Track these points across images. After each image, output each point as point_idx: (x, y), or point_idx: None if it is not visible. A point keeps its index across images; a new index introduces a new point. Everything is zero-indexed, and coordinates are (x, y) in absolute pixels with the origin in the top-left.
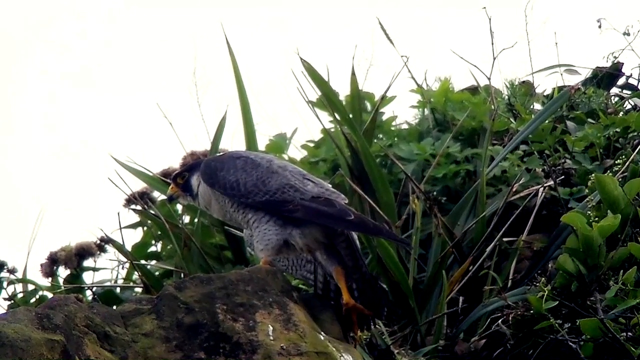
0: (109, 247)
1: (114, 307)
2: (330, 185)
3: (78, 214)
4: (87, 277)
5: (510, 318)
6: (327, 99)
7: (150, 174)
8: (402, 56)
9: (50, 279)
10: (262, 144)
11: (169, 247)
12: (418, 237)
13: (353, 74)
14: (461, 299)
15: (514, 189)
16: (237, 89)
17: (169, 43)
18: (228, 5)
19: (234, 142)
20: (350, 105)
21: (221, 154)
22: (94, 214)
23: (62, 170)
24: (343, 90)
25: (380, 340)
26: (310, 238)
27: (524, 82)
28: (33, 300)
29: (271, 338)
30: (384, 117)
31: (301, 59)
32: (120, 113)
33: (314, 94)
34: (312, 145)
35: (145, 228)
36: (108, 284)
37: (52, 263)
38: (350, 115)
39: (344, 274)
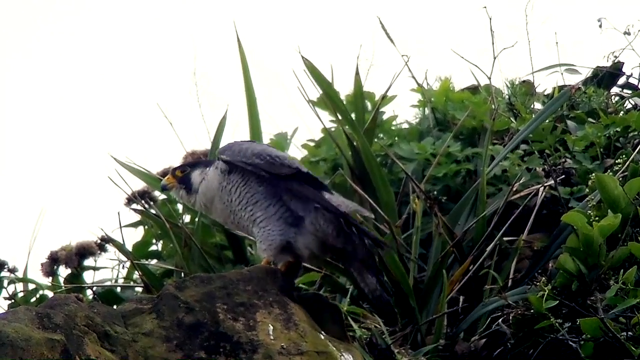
0: (109, 247)
1: (115, 307)
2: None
3: (78, 213)
4: (88, 277)
5: (510, 317)
6: (328, 98)
7: (151, 174)
8: (402, 56)
9: (50, 278)
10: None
11: (169, 246)
12: (418, 236)
13: (357, 73)
14: (461, 298)
15: (514, 189)
16: (244, 87)
17: (170, 42)
18: (228, 5)
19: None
20: (353, 104)
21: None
22: (94, 214)
23: (63, 170)
24: (343, 90)
25: (380, 339)
26: (314, 244)
27: (524, 81)
28: (33, 299)
29: (271, 337)
30: (385, 117)
31: (303, 57)
32: (121, 113)
33: (315, 93)
34: (312, 144)
35: (145, 227)
36: (108, 283)
37: (52, 262)
38: (352, 115)
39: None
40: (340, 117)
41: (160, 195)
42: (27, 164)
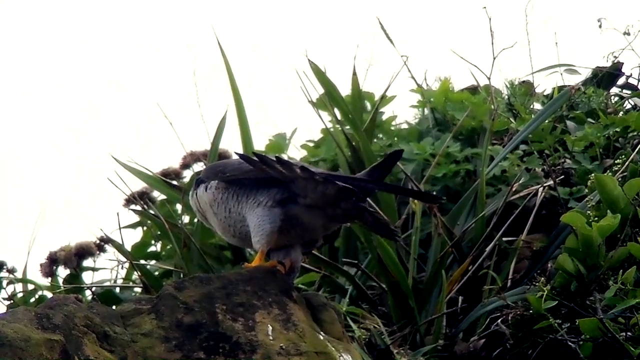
0: (108, 247)
1: (114, 307)
2: None
3: (78, 213)
4: (87, 277)
5: (509, 318)
6: (332, 98)
7: (150, 174)
8: (402, 56)
9: (49, 278)
10: (262, 144)
11: (168, 247)
12: (417, 236)
13: (354, 73)
14: (460, 298)
15: (513, 189)
16: (231, 92)
17: (170, 42)
18: (228, 4)
19: (234, 142)
20: (351, 105)
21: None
22: (93, 214)
23: (62, 170)
24: (343, 90)
25: (379, 340)
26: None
27: (524, 81)
28: (33, 300)
29: (270, 338)
30: (384, 117)
31: (309, 60)
32: (121, 112)
33: (315, 93)
34: (311, 145)
35: (144, 228)
36: (107, 283)
37: (51, 263)
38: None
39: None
40: (341, 118)
41: (159, 196)
42: (26, 164)
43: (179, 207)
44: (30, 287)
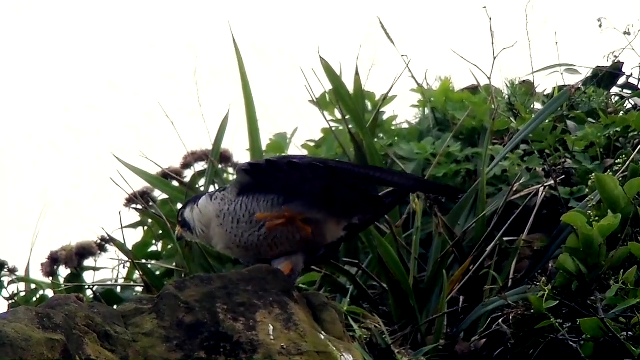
0: (109, 247)
1: (115, 307)
2: None
3: (78, 213)
4: (88, 277)
5: (510, 317)
6: (339, 95)
7: (152, 173)
8: (402, 56)
9: (51, 278)
10: (262, 143)
11: (169, 246)
12: (418, 236)
13: (357, 73)
14: (461, 298)
15: (514, 189)
16: (242, 88)
17: (171, 41)
18: (227, 4)
19: (235, 142)
20: (354, 104)
21: None
22: (94, 214)
23: (62, 170)
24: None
25: (380, 339)
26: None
27: (524, 81)
28: (34, 299)
29: (272, 337)
30: (385, 117)
31: (320, 57)
32: (122, 111)
33: (319, 91)
34: (312, 144)
35: (146, 227)
36: (109, 283)
37: (52, 262)
38: (350, 115)
39: None
40: (347, 116)
41: (160, 195)
42: (26, 164)
43: (180, 206)
44: (33, 286)
